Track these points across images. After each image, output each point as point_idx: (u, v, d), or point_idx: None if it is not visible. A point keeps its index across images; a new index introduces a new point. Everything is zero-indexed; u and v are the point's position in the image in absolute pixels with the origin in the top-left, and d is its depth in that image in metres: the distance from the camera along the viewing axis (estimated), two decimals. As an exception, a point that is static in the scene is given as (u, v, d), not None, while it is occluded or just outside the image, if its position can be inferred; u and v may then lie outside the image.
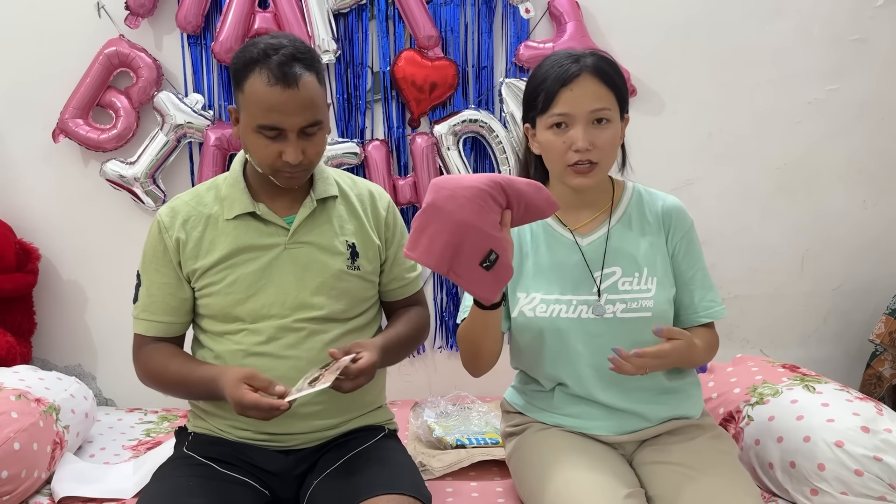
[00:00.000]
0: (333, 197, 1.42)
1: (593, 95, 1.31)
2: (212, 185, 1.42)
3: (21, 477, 1.51)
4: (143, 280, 1.40)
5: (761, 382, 1.71)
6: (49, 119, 2.10)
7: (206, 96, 2.14)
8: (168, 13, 2.10)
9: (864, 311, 2.38)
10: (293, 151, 1.27)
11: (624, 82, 1.37)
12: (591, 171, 1.34)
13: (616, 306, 1.37)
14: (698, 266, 1.43)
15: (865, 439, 1.43)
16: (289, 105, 1.25)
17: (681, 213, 1.43)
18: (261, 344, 1.35)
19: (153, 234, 1.39)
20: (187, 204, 1.39)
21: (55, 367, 2.22)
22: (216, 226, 1.36)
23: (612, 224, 1.42)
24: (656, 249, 1.41)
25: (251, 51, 1.27)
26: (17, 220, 2.16)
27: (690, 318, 1.43)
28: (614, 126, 1.34)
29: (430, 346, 2.30)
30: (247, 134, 1.30)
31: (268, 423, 1.32)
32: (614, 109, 1.34)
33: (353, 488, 1.26)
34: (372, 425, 1.44)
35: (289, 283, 1.35)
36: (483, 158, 2.22)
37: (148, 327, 1.39)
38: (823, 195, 2.33)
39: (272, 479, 1.34)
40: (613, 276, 1.39)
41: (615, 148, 1.37)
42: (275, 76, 1.24)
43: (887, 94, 2.28)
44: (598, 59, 1.34)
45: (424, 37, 2.11)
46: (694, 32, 2.22)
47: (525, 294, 1.41)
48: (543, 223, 1.45)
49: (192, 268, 1.35)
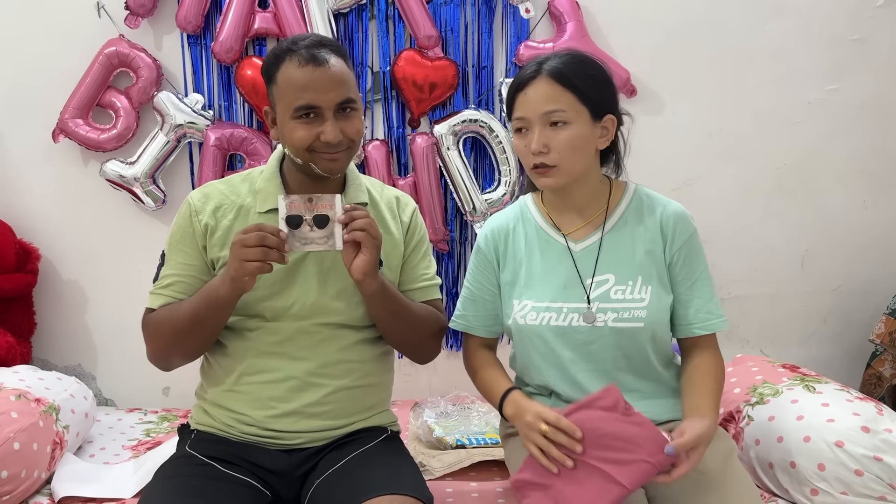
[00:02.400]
0: (364, 204, 1.42)
1: (545, 98, 1.29)
2: (246, 177, 1.42)
3: (21, 477, 1.51)
4: (167, 260, 1.38)
5: (761, 382, 1.71)
6: (49, 119, 2.10)
7: (206, 96, 2.14)
8: (168, 13, 2.10)
9: (864, 311, 2.38)
10: (331, 130, 1.28)
11: (594, 82, 1.31)
12: (550, 172, 1.31)
13: (608, 315, 1.34)
14: (698, 276, 1.37)
15: (865, 439, 1.43)
16: (321, 81, 1.27)
17: (683, 221, 1.38)
18: (276, 344, 1.35)
19: (182, 216, 1.37)
20: (220, 191, 1.38)
21: (55, 367, 2.22)
22: (247, 217, 1.36)
23: (607, 230, 1.39)
24: (653, 257, 1.37)
25: (279, 46, 1.31)
26: (17, 220, 2.16)
27: (686, 330, 1.38)
28: (573, 127, 1.29)
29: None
30: (285, 125, 1.30)
31: (273, 420, 1.33)
32: (572, 110, 1.29)
33: (355, 488, 1.26)
34: (375, 427, 1.44)
35: (311, 285, 1.35)
36: (483, 158, 2.22)
37: (164, 302, 1.35)
38: (823, 195, 2.33)
39: (274, 479, 1.34)
40: (606, 284, 1.36)
41: (576, 149, 1.30)
42: (305, 58, 1.27)
43: (887, 94, 2.28)
44: (565, 61, 1.31)
45: (424, 37, 2.11)
46: (694, 32, 2.22)
47: (518, 301, 1.39)
48: (537, 227, 1.42)
49: (217, 255, 1.35)
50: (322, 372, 1.36)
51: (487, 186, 2.23)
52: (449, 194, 2.21)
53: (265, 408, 1.35)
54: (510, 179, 2.17)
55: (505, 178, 2.18)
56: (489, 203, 2.18)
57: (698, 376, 1.36)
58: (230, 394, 1.36)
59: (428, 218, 2.17)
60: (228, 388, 1.37)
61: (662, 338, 1.39)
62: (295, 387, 1.35)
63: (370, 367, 1.42)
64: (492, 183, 2.23)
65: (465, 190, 2.16)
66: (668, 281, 1.37)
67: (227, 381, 1.37)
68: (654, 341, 1.37)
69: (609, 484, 1.21)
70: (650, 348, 1.37)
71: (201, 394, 1.43)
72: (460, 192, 2.17)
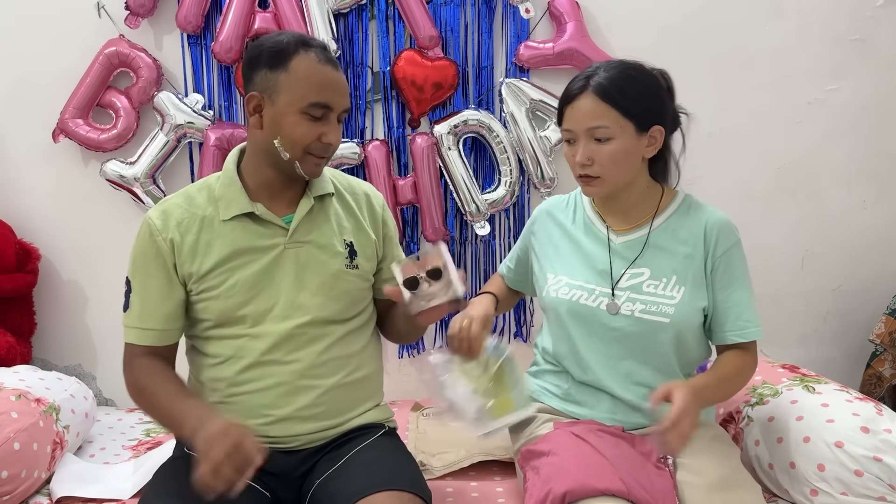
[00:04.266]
0: (330, 195, 1.41)
1: (590, 114, 1.34)
2: (203, 186, 1.38)
3: (21, 477, 1.51)
4: (133, 286, 1.35)
5: (761, 383, 1.71)
6: (49, 119, 2.10)
7: (206, 96, 2.14)
8: (168, 13, 2.10)
9: (864, 311, 2.38)
10: (335, 133, 1.30)
11: (639, 98, 1.35)
12: (594, 182, 1.38)
13: (636, 305, 1.39)
14: (737, 285, 1.41)
15: (865, 440, 1.43)
16: (338, 85, 1.29)
17: (726, 230, 1.42)
18: (263, 353, 1.33)
19: (143, 238, 1.34)
20: (179, 206, 1.34)
21: (55, 367, 2.22)
22: (212, 227, 1.33)
23: (652, 229, 1.44)
24: (692, 262, 1.41)
25: (284, 35, 1.31)
26: (17, 220, 2.16)
27: (720, 337, 1.43)
28: (616, 142, 1.34)
29: (430, 345, 2.30)
30: (287, 115, 1.27)
31: (266, 428, 1.33)
32: (616, 126, 1.33)
33: (354, 486, 1.26)
34: (372, 423, 1.43)
35: (289, 283, 1.34)
36: (483, 158, 2.22)
37: (141, 336, 1.34)
38: (824, 195, 2.33)
39: (273, 480, 1.34)
40: (641, 277, 1.41)
41: (618, 162, 1.36)
42: (324, 57, 1.28)
43: (887, 94, 2.28)
44: (611, 76, 1.35)
45: (424, 37, 2.11)
46: (694, 32, 2.22)
47: (553, 275, 1.48)
48: (584, 217, 1.50)
49: (189, 271, 1.32)
50: (312, 373, 1.35)
51: (487, 186, 2.23)
52: (449, 194, 2.20)
53: (257, 416, 1.33)
54: (510, 179, 2.17)
55: (505, 178, 2.18)
56: (489, 203, 2.18)
57: (718, 362, 1.42)
58: (221, 405, 1.35)
59: (428, 218, 2.17)
60: (219, 399, 1.36)
61: (687, 342, 1.43)
62: (286, 392, 1.33)
63: (359, 359, 1.41)
64: (492, 183, 2.23)
65: (465, 190, 2.16)
66: (704, 286, 1.41)
67: (217, 395, 1.36)
68: (678, 342, 1.41)
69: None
70: (672, 348, 1.41)
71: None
72: (460, 192, 2.17)
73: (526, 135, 2.15)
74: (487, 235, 2.22)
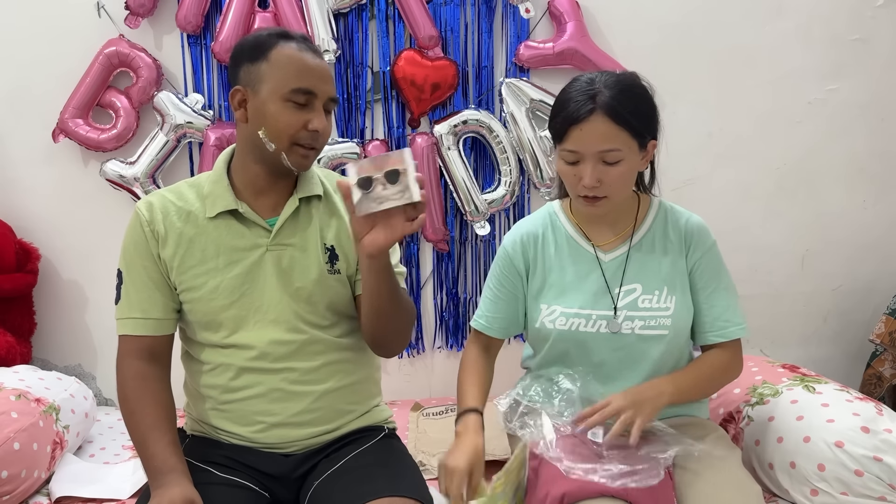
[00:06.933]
0: (318, 197, 1.38)
1: (602, 137, 1.28)
2: (194, 183, 1.38)
3: (21, 477, 1.51)
4: (125, 277, 1.34)
5: (761, 383, 1.71)
6: (49, 119, 2.10)
7: (206, 96, 2.14)
8: (168, 13, 2.10)
9: (864, 311, 2.38)
10: (321, 120, 1.27)
11: (642, 112, 1.32)
12: (599, 202, 1.34)
13: (635, 323, 1.39)
14: (716, 285, 1.42)
15: (865, 439, 1.43)
16: (320, 71, 1.28)
17: (702, 232, 1.43)
18: (252, 359, 1.32)
19: (133, 227, 1.33)
20: (167, 198, 1.33)
21: (55, 367, 2.22)
22: (196, 223, 1.32)
23: (634, 242, 1.43)
24: (677, 268, 1.41)
25: (264, 31, 1.30)
26: (17, 220, 2.16)
27: (702, 338, 1.44)
28: (626, 162, 1.31)
29: (429, 345, 2.30)
30: (271, 104, 1.25)
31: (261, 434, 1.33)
32: (626, 147, 1.29)
33: (354, 491, 1.25)
34: (371, 426, 1.42)
35: (271, 286, 1.32)
36: (483, 158, 2.22)
37: (135, 326, 1.32)
38: (823, 195, 2.33)
39: (272, 482, 1.33)
40: (634, 293, 1.40)
41: (626, 183, 1.34)
42: (305, 46, 1.28)
43: (887, 94, 2.28)
44: (616, 94, 1.29)
45: (424, 37, 2.11)
46: (694, 32, 2.22)
47: (546, 306, 1.43)
48: (567, 236, 1.46)
49: (171, 265, 1.31)
50: (304, 379, 1.33)
51: (487, 186, 2.23)
52: (449, 194, 2.21)
53: (251, 423, 1.33)
54: (510, 179, 2.17)
55: (505, 178, 2.18)
56: (489, 203, 2.19)
57: (698, 360, 1.44)
58: (214, 412, 1.35)
59: (428, 218, 2.17)
60: (212, 406, 1.35)
61: (680, 346, 1.45)
62: (279, 398, 1.32)
63: (352, 363, 1.39)
64: (492, 183, 2.23)
65: (465, 190, 2.16)
66: (689, 290, 1.42)
67: (210, 401, 1.35)
68: (674, 348, 1.42)
69: None
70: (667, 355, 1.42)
71: (188, 410, 1.42)
72: (460, 192, 2.17)
73: (526, 135, 2.15)
74: (487, 235, 2.23)
